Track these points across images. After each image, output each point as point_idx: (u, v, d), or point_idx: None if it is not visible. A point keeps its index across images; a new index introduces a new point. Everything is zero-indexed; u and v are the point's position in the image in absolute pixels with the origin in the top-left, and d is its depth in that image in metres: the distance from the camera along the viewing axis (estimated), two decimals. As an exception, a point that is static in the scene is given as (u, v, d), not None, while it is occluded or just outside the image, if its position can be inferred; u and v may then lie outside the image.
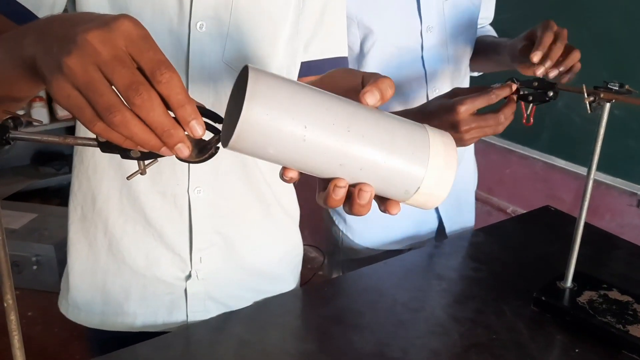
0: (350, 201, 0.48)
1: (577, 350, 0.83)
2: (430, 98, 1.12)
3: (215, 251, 0.88)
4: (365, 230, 1.23)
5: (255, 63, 0.79)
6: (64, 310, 0.94)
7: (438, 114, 0.90)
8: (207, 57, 0.76)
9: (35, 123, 2.62)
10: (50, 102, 3.17)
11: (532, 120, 0.91)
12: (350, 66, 1.11)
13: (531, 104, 0.88)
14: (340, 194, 0.46)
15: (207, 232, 0.87)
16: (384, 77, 0.50)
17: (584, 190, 0.90)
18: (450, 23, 1.09)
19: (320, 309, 0.94)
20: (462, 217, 1.29)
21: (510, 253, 1.10)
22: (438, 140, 0.47)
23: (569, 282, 0.93)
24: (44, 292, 2.55)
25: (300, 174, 0.48)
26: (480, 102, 0.87)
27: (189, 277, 0.88)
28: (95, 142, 0.45)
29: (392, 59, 1.08)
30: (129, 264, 0.87)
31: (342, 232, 1.27)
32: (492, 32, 1.27)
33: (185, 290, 0.89)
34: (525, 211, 1.33)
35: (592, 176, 0.88)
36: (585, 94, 0.82)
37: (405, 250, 1.24)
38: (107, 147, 0.45)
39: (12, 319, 0.46)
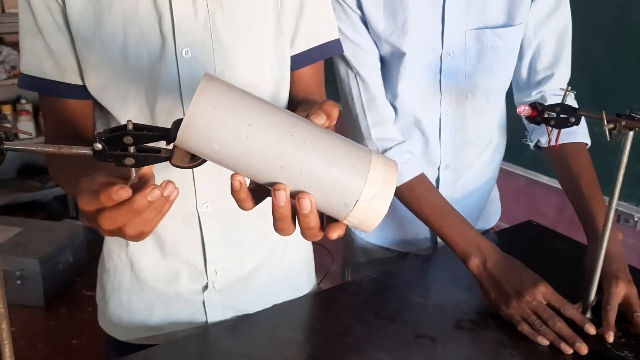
0: (297, 218, 0.49)
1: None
2: (442, 122, 1.13)
3: (229, 262, 0.92)
4: None
5: (246, 70, 0.82)
6: (101, 322, 0.99)
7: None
8: (199, 79, 0.78)
9: (24, 135, 2.62)
10: (36, 115, 3.17)
11: (557, 144, 0.91)
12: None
13: (555, 129, 0.88)
14: (282, 198, 0.47)
15: (219, 244, 0.90)
16: (327, 100, 0.54)
17: (605, 222, 0.87)
18: (472, 53, 1.08)
19: (308, 322, 0.95)
20: None
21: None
22: (380, 160, 0.48)
23: (588, 314, 0.91)
24: (27, 307, 2.52)
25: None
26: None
27: (205, 287, 0.92)
28: (91, 151, 0.46)
29: (413, 77, 1.09)
30: (150, 284, 0.91)
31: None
32: (570, 100, 1.11)
33: (204, 302, 0.92)
34: (508, 225, 1.35)
35: (613, 206, 0.86)
36: (605, 121, 0.82)
37: (399, 253, 1.27)
38: (102, 155, 0.46)
39: (4, 327, 0.47)
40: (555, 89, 1.14)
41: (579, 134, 1.14)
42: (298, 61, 0.89)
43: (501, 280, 0.93)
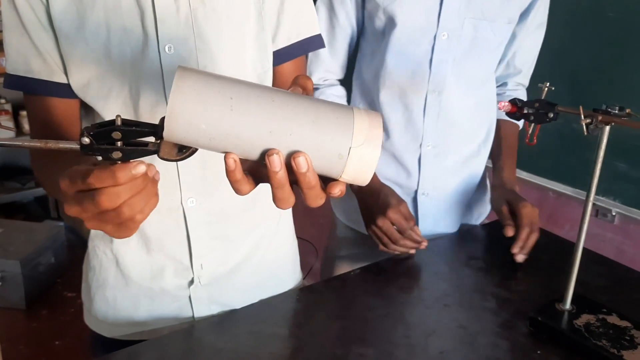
0: (297, 183, 0.49)
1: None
2: (428, 100, 1.18)
3: (215, 257, 0.92)
4: (343, 202, 1.33)
5: (228, 66, 0.83)
6: (86, 320, 0.99)
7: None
8: None
9: (5, 130, 2.61)
10: (16, 115, 3.13)
11: (535, 140, 0.93)
12: (371, 46, 1.20)
13: (534, 124, 0.90)
14: (276, 162, 0.47)
15: (205, 239, 0.90)
16: (300, 75, 0.56)
17: (582, 215, 0.90)
18: (466, 40, 1.14)
19: (293, 317, 0.96)
20: (443, 226, 1.31)
21: (473, 260, 1.13)
22: (362, 110, 0.51)
23: (567, 305, 0.93)
24: (9, 309, 2.49)
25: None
26: None
27: (191, 282, 0.92)
28: (78, 146, 0.46)
29: (404, 51, 1.15)
30: (136, 280, 0.92)
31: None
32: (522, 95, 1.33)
33: (190, 296, 0.93)
34: (488, 221, 1.37)
35: (591, 199, 0.89)
36: (582, 116, 0.84)
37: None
38: (89, 149, 0.47)
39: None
40: (515, 84, 1.33)
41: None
42: (280, 57, 0.90)
43: (362, 208, 1.16)
